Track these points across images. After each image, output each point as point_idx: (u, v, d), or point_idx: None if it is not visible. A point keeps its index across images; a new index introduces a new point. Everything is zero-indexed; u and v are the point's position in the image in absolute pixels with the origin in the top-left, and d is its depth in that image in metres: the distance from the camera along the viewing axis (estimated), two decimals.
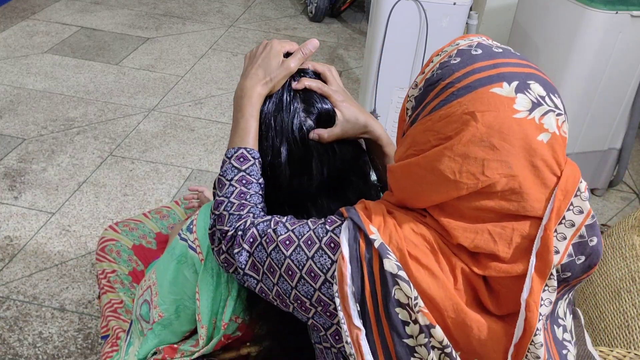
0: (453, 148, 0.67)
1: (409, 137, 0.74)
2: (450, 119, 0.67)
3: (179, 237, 0.94)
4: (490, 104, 0.65)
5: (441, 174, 0.68)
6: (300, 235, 0.78)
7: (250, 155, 0.88)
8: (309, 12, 4.17)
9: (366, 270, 0.72)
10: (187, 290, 0.95)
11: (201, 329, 0.94)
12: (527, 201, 0.68)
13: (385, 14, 2.09)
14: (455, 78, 0.68)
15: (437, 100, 0.69)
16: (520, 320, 0.71)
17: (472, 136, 0.66)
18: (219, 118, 2.85)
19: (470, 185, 0.67)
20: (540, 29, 2.30)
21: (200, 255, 0.92)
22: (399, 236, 0.72)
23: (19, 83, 2.97)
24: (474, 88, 0.67)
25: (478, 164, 0.66)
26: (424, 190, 0.71)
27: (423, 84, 0.74)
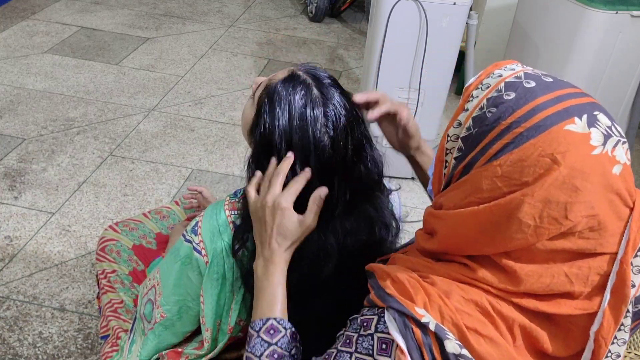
0: (534, 194, 0.62)
1: (467, 183, 0.68)
2: (525, 163, 0.62)
3: (183, 238, 0.94)
4: (569, 143, 0.61)
5: (519, 221, 0.63)
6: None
7: (281, 325, 0.83)
8: (309, 12, 4.17)
9: (428, 357, 0.66)
10: (191, 292, 0.95)
11: (206, 332, 0.94)
12: (604, 237, 0.65)
13: (385, 14, 2.08)
14: (520, 117, 0.63)
15: (501, 142, 0.64)
16: (588, 352, 0.68)
17: (554, 180, 0.61)
18: (219, 118, 2.85)
19: (552, 230, 0.63)
20: (540, 29, 2.30)
21: (205, 258, 0.91)
22: (450, 310, 0.67)
23: (19, 83, 2.97)
24: (546, 127, 0.62)
25: (560, 208, 0.62)
26: (496, 238, 0.66)
27: (471, 123, 0.68)
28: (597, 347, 0.67)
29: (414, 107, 2.29)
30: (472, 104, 0.69)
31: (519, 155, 0.63)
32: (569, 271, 0.66)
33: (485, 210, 0.66)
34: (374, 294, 0.72)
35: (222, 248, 0.91)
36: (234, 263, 0.91)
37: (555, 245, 0.65)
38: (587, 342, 0.68)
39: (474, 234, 0.68)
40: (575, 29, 2.09)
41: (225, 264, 0.91)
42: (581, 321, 0.68)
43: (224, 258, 0.91)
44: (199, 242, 0.91)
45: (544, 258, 0.66)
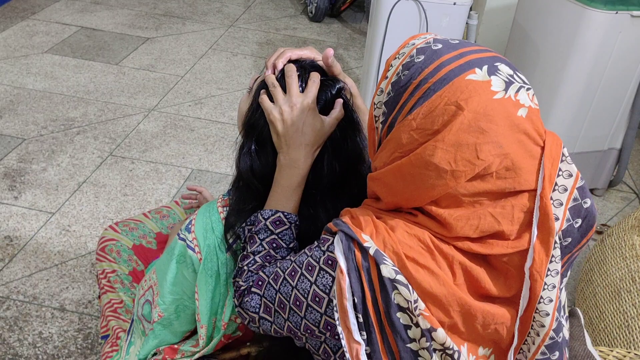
0: (445, 139, 0.67)
1: (391, 141, 0.74)
2: (434, 113, 0.68)
3: (177, 236, 0.94)
4: (470, 90, 0.67)
5: (436, 167, 0.68)
6: (301, 264, 0.78)
7: (287, 219, 0.88)
8: (309, 12, 4.18)
9: (365, 279, 0.72)
10: (187, 290, 0.95)
11: (201, 329, 0.94)
12: (520, 175, 0.70)
13: (385, 14, 2.09)
14: (427, 74, 0.70)
15: (414, 99, 0.70)
16: (525, 290, 0.72)
17: (460, 124, 0.67)
18: (219, 118, 2.85)
19: (467, 172, 0.68)
20: (540, 29, 2.30)
21: (198, 255, 0.92)
22: (393, 240, 0.72)
23: (19, 83, 2.97)
24: (450, 79, 0.68)
25: (471, 149, 0.67)
26: (420, 187, 0.71)
27: (390, 88, 0.74)
28: (533, 282, 0.71)
29: None
30: (391, 72, 0.76)
31: (428, 107, 0.69)
32: (494, 211, 0.70)
33: (406, 162, 0.71)
34: (331, 223, 0.79)
35: (215, 244, 0.92)
36: (227, 259, 0.92)
37: (476, 188, 0.70)
38: (524, 280, 0.72)
39: (402, 187, 0.73)
40: (575, 29, 2.09)
41: (219, 260, 0.92)
42: (516, 260, 0.72)
43: (217, 254, 0.92)
44: (192, 239, 0.92)
45: (470, 202, 0.71)
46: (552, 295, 0.72)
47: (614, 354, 1.24)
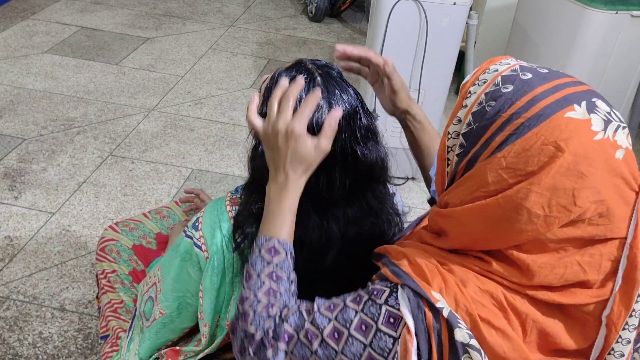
0: (541, 183, 0.62)
1: (472, 178, 0.68)
2: (528, 152, 0.63)
3: (184, 234, 0.94)
4: (571, 129, 0.61)
5: (528, 211, 0.63)
6: (348, 323, 0.70)
7: (283, 247, 0.81)
8: (309, 12, 4.18)
9: (434, 342, 0.66)
10: (190, 288, 0.95)
11: (204, 327, 0.94)
12: (613, 223, 0.65)
13: (385, 14, 2.08)
14: (520, 108, 0.64)
15: (503, 134, 0.64)
16: (600, 339, 0.68)
17: (559, 167, 0.61)
18: (219, 118, 2.85)
19: (562, 218, 0.63)
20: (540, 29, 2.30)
21: (205, 253, 0.92)
22: (466, 298, 0.66)
23: (19, 83, 2.97)
24: (547, 116, 0.62)
25: (568, 195, 0.62)
26: (506, 231, 0.66)
27: (471, 118, 0.68)
28: (608, 332, 0.67)
29: None
30: (471, 100, 0.69)
31: (522, 146, 0.63)
32: (582, 259, 0.65)
33: (492, 203, 0.65)
34: (387, 270, 0.71)
35: (222, 243, 0.91)
36: (234, 258, 0.92)
37: (566, 234, 0.65)
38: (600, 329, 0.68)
39: (483, 229, 0.67)
40: (575, 29, 2.09)
41: (226, 259, 0.92)
42: (596, 310, 0.68)
43: (224, 253, 0.91)
44: (199, 237, 0.92)
45: (555, 248, 0.66)
46: (624, 351, 0.67)
47: None
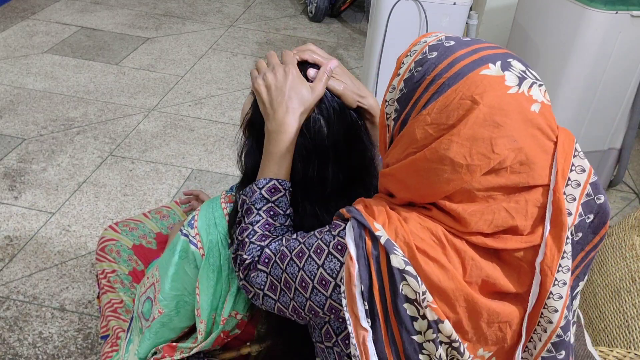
0: (460, 133, 0.68)
1: (404, 137, 0.74)
2: (449, 107, 0.68)
3: (180, 232, 0.95)
4: (485, 84, 0.68)
5: (452, 161, 0.68)
6: (310, 246, 0.79)
7: (282, 186, 0.88)
8: (309, 12, 4.18)
9: (374, 268, 0.72)
10: (188, 286, 0.95)
11: (200, 324, 0.95)
12: (534, 170, 0.70)
13: (385, 14, 2.09)
14: (441, 69, 0.70)
15: (428, 94, 0.70)
16: (535, 286, 0.72)
17: (476, 118, 0.67)
18: (219, 118, 2.85)
19: (483, 166, 0.68)
20: (540, 29, 2.30)
21: (201, 251, 0.92)
22: (405, 231, 0.72)
23: (19, 83, 2.97)
24: (464, 74, 0.69)
25: (486, 143, 0.67)
26: (435, 182, 0.71)
27: (403, 84, 0.75)
28: (543, 277, 0.71)
29: None
30: (403, 69, 0.76)
31: (443, 102, 0.69)
32: (508, 206, 0.70)
33: (420, 157, 0.71)
34: (343, 209, 0.79)
35: (217, 240, 0.92)
36: (230, 255, 0.92)
37: (490, 182, 0.70)
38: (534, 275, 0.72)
39: (416, 182, 0.73)
40: (575, 29, 2.09)
41: (221, 256, 0.92)
42: (529, 255, 0.72)
43: (219, 250, 0.92)
44: (195, 235, 0.92)
45: (483, 197, 0.71)
46: (562, 292, 0.72)
47: (614, 354, 1.24)
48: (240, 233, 0.88)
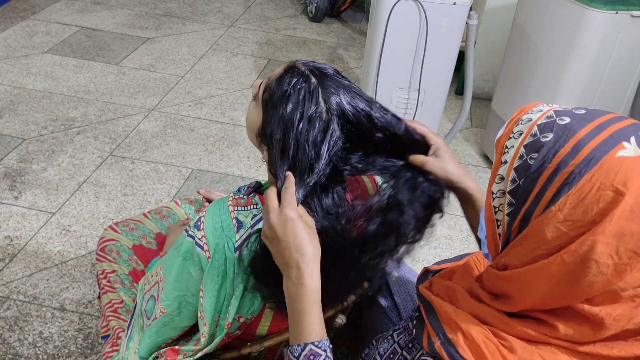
0: (605, 232, 0.58)
1: (529, 236, 0.64)
2: (585, 201, 0.59)
3: (186, 233, 0.94)
4: (626, 170, 0.58)
5: (596, 262, 0.59)
6: None
7: (320, 348, 0.79)
8: (309, 12, 4.18)
9: None
10: (191, 287, 0.95)
11: (203, 326, 0.94)
12: None
13: (385, 14, 2.09)
14: (565, 155, 0.61)
15: (554, 187, 0.61)
16: None
17: (622, 211, 0.58)
18: (219, 118, 2.85)
19: (633, 264, 0.59)
20: (540, 29, 2.30)
21: (207, 253, 0.92)
22: None
23: (19, 83, 2.97)
24: (597, 159, 0.59)
25: (636, 239, 0.58)
26: (574, 286, 0.62)
27: (514, 174, 0.65)
28: None
29: (414, 107, 2.29)
30: (510, 155, 0.66)
31: (577, 195, 0.60)
32: None
33: (556, 260, 0.62)
34: (442, 349, 0.68)
35: (224, 243, 0.91)
36: (236, 259, 0.92)
37: (638, 280, 0.61)
38: None
39: (549, 287, 0.63)
40: (575, 29, 2.09)
41: (227, 259, 0.92)
42: None
43: (225, 253, 0.91)
44: (201, 237, 0.92)
45: (629, 296, 0.62)
46: None
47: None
48: None
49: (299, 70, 0.91)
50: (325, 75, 0.91)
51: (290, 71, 0.92)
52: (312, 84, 0.89)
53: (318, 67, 0.93)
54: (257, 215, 0.94)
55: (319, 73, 0.91)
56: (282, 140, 0.89)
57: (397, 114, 0.97)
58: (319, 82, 0.90)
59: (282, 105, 0.89)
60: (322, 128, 0.88)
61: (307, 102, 0.88)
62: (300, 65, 0.93)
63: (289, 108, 0.88)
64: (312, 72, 0.91)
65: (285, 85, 0.90)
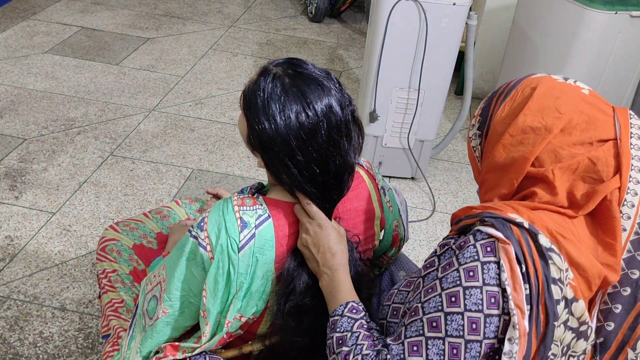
0: (530, 107, 0.85)
1: (489, 142, 0.90)
2: (516, 99, 0.88)
3: (189, 233, 0.94)
4: (539, 78, 0.89)
5: (531, 127, 0.84)
6: (457, 280, 0.77)
7: (360, 306, 0.91)
8: (309, 13, 4.18)
9: (525, 248, 0.75)
10: (193, 288, 0.95)
11: (205, 325, 0.95)
12: (599, 127, 0.83)
13: (385, 14, 2.09)
14: (503, 88, 0.91)
15: (498, 103, 0.90)
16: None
17: (539, 94, 0.86)
18: (220, 118, 2.86)
19: (557, 124, 0.83)
20: (540, 29, 2.30)
21: (210, 254, 0.92)
22: (537, 217, 0.79)
23: (19, 83, 2.97)
24: (519, 81, 0.90)
25: (552, 108, 0.84)
26: (525, 151, 0.84)
27: (480, 114, 0.93)
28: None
29: (414, 107, 2.29)
30: (477, 111, 0.95)
31: (511, 101, 0.89)
32: (591, 154, 0.81)
33: (506, 137, 0.86)
34: (461, 219, 0.85)
35: (227, 244, 0.91)
36: (239, 259, 0.92)
37: (568, 140, 0.82)
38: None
39: (510, 160, 0.85)
40: (574, 29, 2.10)
41: (230, 260, 0.92)
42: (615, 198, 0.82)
43: (228, 254, 0.91)
44: (204, 237, 0.92)
45: (567, 155, 0.82)
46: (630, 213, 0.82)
47: None
48: (346, 357, 0.84)
49: (272, 72, 0.93)
50: (299, 75, 0.92)
51: (263, 74, 0.93)
52: (285, 84, 0.91)
53: (291, 65, 0.93)
54: (262, 216, 0.94)
55: (293, 73, 0.92)
56: (265, 140, 0.92)
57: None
58: (293, 82, 0.91)
59: (260, 111, 0.91)
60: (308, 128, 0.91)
61: (285, 102, 0.90)
62: (271, 67, 0.93)
63: (267, 113, 0.90)
64: (286, 71, 0.92)
65: (259, 91, 0.91)
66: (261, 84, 0.91)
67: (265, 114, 0.90)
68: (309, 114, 0.90)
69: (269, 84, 0.91)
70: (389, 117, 2.34)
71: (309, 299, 0.97)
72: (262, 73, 0.93)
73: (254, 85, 0.93)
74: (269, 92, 0.90)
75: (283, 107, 0.89)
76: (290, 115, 0.89)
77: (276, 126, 0.89)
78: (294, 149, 0.90)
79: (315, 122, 0.90)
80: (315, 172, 0.92)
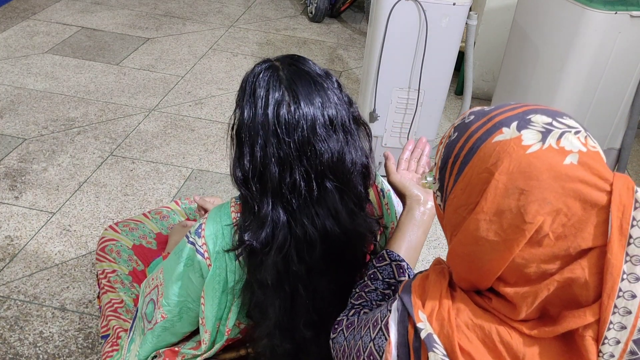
0: (484, 210, 0.62)
1: (447, 225, 0.71)
2: (469, 186, 0.64)
3: (186, 239, 0.94)
4: (499, 152, 0.62)
5: (485, 240, 0.63)
6: (373, 317, 0.78)
7: (389, 256, 0.95)
8: (309, 13, 4.18)
9: (413, 358, 0.68)
10: (192, 294, 0.95)
11: (205, 333, 0.94)
12: (584, 230, 0.60)
13: (385, 14, 2.09)
14: (458, 149, 0.66)
15: (452, 177, 0.67)
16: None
17: (495, 189, 0.61)
18: (219, 118, 2.86)
19: (519, 239, 0.61)
20: (540, 29, 2.30)
21: (207, 261, 0.91)
22: (451, 326, 0.66)
23: (19, 83, 2.97)
24: (477, 147, 0.64)
25: (514, 214, 0.61)
26: (478, 266, 0.65)
27: (439, 174, 0.71)
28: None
29: (414, 107, 2.29)
30: (436, 159, 0.74)
31: (463, 182, 0.65)
32: (564, 277, 0.61)
33: (456, 242, 0.67)
34: (404, 283, 0.78)
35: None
36: (237, 266, 0.91)
37: (536, 255, 0.62)
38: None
39: (465, 268, 0.68)
40: (574, 29, 2.10)
41: (228, 267, 0.91)
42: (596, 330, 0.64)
43: (226, 261, 0.91)
44: (202, 244, 0.91)
45: (536, 274, 0.63)
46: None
47: None
48: (352, 296, 0.94)
49: (271, 62, 0.90)
50: (296, 72, 0.89)
51: (264, 62, 0.91)
52: (280, 77, 0.88)
53: (292, 61, 0.91)
54: None
55: (292, 70, 0.89)
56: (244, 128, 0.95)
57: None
58: (288, 77, 0.88)
59: (248, 97, 0.89)
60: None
61: (273, 91, 0.88)
62: (274, 59, 0.92)
63: (255, 100, 0.89)
64: (285, 65, 0.89)
65: (252, 77, 0.90)
66: (256, 69, 0.90)
67: (251, 98, 0.87)
68: (291, 108, 0.85)
69: (262, 70, 0.89)
70: (389, 117, 2.34)
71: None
72: (261, 62, 0.92)
73: (250, 70, 0.92)
74: (260, 77, 0.88)
75: (267, 93, 0.86)
76: (270, 103, 0.85)
77: (255, 111, 0.86)
78: (261, 137, 0.87)
79: (295, 118, 0.85)
80: (270, 172, 0.89)
